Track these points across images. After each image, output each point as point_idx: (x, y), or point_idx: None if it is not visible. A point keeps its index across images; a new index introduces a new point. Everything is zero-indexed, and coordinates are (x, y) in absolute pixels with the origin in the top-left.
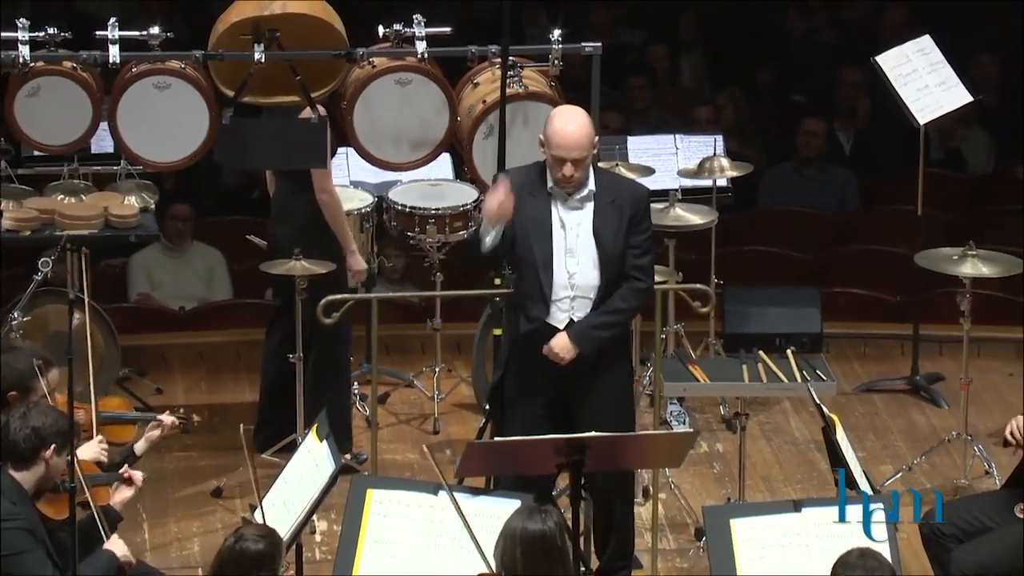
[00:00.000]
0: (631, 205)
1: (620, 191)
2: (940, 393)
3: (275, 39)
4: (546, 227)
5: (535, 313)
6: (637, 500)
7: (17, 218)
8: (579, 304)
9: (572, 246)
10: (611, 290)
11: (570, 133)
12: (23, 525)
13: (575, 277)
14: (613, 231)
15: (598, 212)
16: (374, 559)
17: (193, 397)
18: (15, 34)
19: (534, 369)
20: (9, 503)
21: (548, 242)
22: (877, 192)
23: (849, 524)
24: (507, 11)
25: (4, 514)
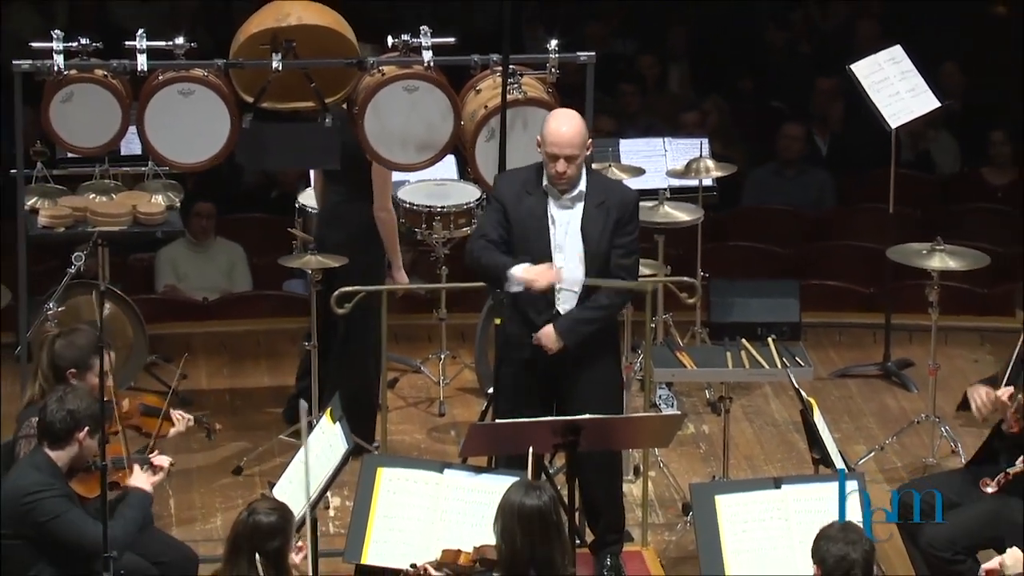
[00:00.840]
0: (618, 208)
1: (609, 194)
2: (910, 378)
3: (291, 49)
4: (541, 223)
5: (540, 303)
6: (628, 478)
7: (52, 215)
8: (564, 296)
9: (560, 242)
10: (594, 275)
11: (564, 132)
12: (59, 492)
13: (562, 272)
14: (599, 230)
15: (587, 212)
16: (384, 533)
17: (216, 382)
18: (50, 44)
19: (524, 357)
20: (45, 476)
21: (542, 238)
22: (852, 191)
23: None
24: (507, 22)
25: (41, 485)
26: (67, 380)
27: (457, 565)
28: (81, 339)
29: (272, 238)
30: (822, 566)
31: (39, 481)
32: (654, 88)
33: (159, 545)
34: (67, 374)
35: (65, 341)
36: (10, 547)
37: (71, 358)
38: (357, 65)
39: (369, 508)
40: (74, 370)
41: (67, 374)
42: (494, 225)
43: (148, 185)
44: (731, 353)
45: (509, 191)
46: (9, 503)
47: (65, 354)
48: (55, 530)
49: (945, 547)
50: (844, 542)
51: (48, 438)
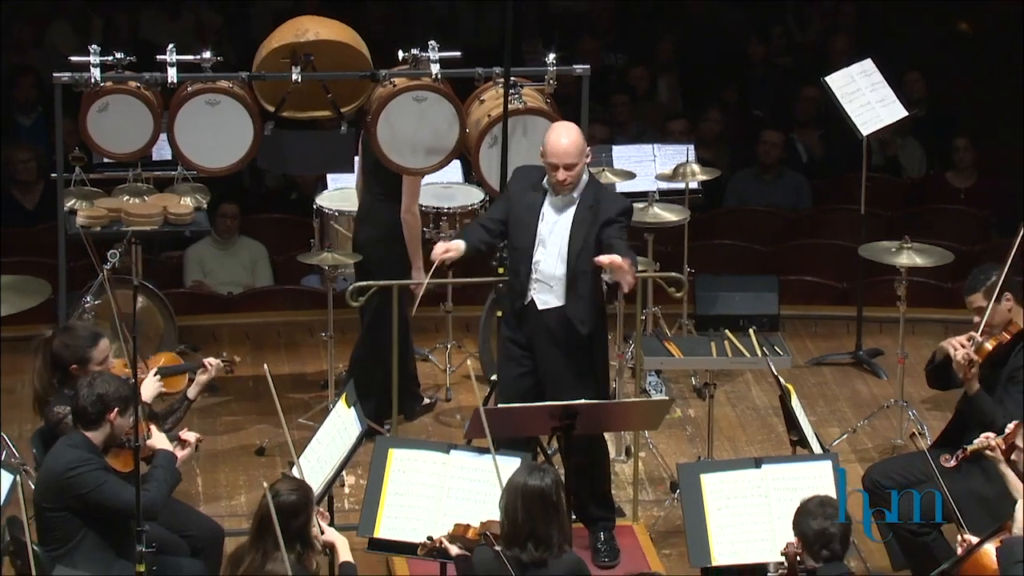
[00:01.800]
0: (607, 210)
1: (603, 200)
2: (880, 366)
3: (310, 62)
4: (531, 218)
5: (517, 289)
6: (620, 458)
7: (89, 216)
8: (539, 287)
9: (544, 237)
10: (574, 280)
11: (563, 144)
12: (98, 466)
13: (540, 264)
14: (585, 231)
15: (578, 214)
16: (395, 509)
17: (240, 370)
18: (88, 58)
19: (516, 340)
20: (84, 452)
21: (528, 232)
22: (826, 193)
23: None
24: (508, 38)
25: (80, 460)
26: (71, 376)
27: (466, 538)
28: (75, 337)
29: (291, 237)
30: (803, 539)
31: (78, 457)
32: (644, 98)
33: (188, 520)
34: (70, 370)
35: (61, 341)
36: (55, 518)
37: (69, 356)
38: (370, 77)
39: (381, 486)
40: (76, 365)
41: (70, 370)
42: (493, 211)
43: (177, 188)
44: (715, 343)
45: (518, 185)
46: (52, 479)
47: (64, 352)
48: (98, 499)
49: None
50: (823, 517)
51: (82, 421)
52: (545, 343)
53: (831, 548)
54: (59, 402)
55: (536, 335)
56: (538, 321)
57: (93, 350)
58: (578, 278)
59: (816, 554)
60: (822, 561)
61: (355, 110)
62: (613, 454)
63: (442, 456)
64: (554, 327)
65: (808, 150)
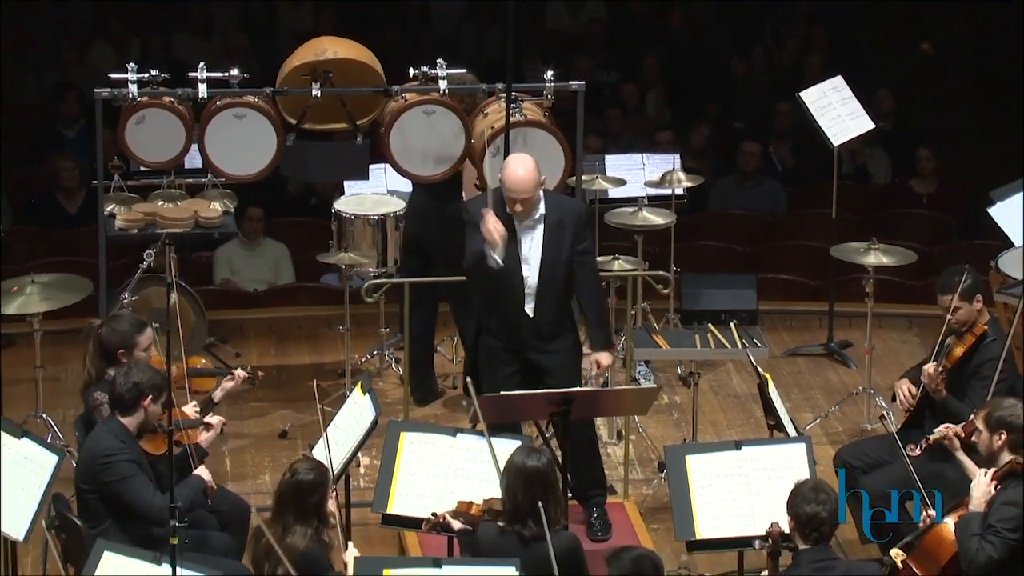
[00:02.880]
0: (573, 222)
1: (563, 212)
2: (849, 356)
3: (328, 78)
4: (514, 242)
5: (501, 304)
6: (612, 441)
7: (126, 219)
8: (529, 299)
9: (526, 255)
10: (549, 287)
11: (519, 177)
12: (129, 457)
13: (528, 279)
14: (557, 245)
15: (547, 231)
16: (406, 487)
17: (264, 360)
18: (125, 76)
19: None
20: (118, 441)
21: (513, 252)
22: (800, 199)
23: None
24: (510, 56)
25: (115, 449)
26: (118, 360)
27: (469, 515)
28: (122, 324)
29: (311, 238)
30: (795, 520)
31: (113, 445)
32: (634, 112)
33: (217, 497)
34: (117, 355)
35: (108, 328)
36: (90, 499)
37: (117, 341)
38: (384, 92)
39: (394, 467)
40: (122, 351)
41: (117, 355)
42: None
43: (207, 193)
44: (699, 335)
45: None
46: (88, 462)
47: (111, 339)
48: (120, 491)
49: (879, 497)
50: (815, 502)
51: (118, 407)
52: (538, 343)
53: (820, 531)
54: (99, 388)
55: (529, 339)
56: (532, 327)
57: (139, 337)
58: (549, 286)
59: (806, 536)
60: (811, 542)
61: (370, 122)
62: (605, 437)
63: (449, 439)
64: (545, 330)
65: (781, 161)
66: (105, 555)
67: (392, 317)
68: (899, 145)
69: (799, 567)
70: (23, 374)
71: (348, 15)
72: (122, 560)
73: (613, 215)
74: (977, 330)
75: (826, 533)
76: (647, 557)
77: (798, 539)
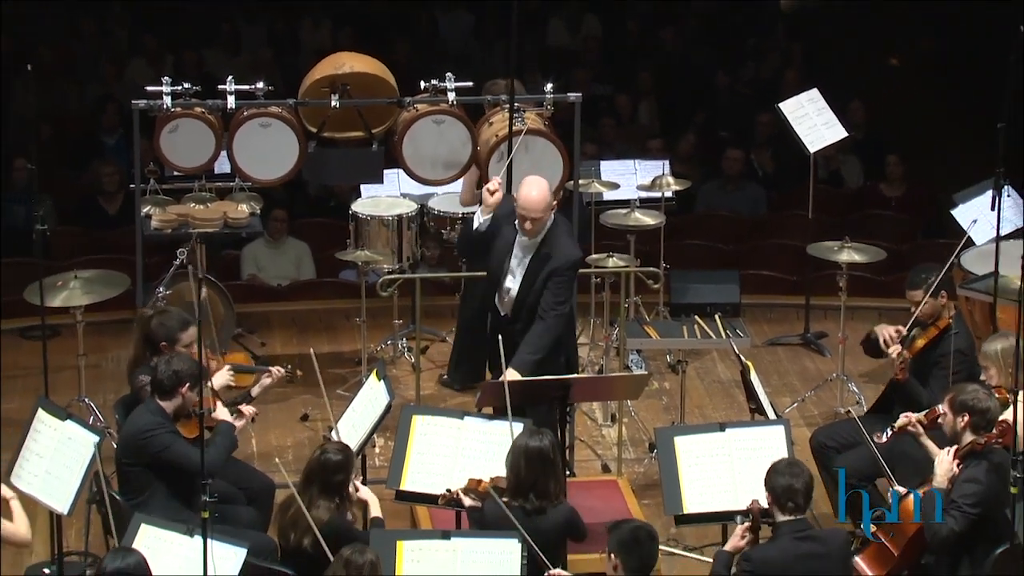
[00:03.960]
0: (558, 265)
1: (555, 251)
2: (824, 346)
3: (346, 91)
4: (506, 251)
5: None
6: (606, 423)
7: (161, 220)
8: (506, 305)
9: (513, 268)
10: (523, 305)
11: (533, 198)
12: (168, 430)
13: (510, 292)
14: (534, 276)
15: (535, 259)
16: (418, 466)
17: (288, 348)
18: (160, 88)
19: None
20: (156, 418)
21: (502, 261)
22: (779, 201)
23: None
24: (512, 70)
25: (154, 424)
26: (161, 351)
27: (478, 491)
28: (170, 320)
29: (331, 237)
30: (772, 493)
31: (152, 422)
32: (627, 121)
33: (244, 474)
34: (160, 346)
35: (157, 321)
36: (132, 472)
37: (163, 334)
38: (397, 103)
39: (406, 447)
40: (165, 343)
41: (160, 346)
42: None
43: (235, 196)
44: (687, 326)
45: (503, 211)
46: (131, 439)
47: (158, 331)
48: (167, 458)
49: (851, 475)
50: (790, 475)
51: (158, 391)
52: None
53: (795, 502)
54: (144, 372)
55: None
56: (509, 329)
57: (182, 333)
58: (524, 302)
59: (783, 507)
60: (788, 513)
61: (384, 131)
62: (600, 420)
63: (457, 422)
64: (517, 339)
65: (762, 166)
66: (142, 527)
67: (404, 310)
68: (870, 152)
69: (779, 536)
70: (67, 362)
71: (364, 33)
72: (157, 532)
73: (608, 216)
74: (941, 323)
75: (801, 505)
76: (644, 528)
77: (776, 511)
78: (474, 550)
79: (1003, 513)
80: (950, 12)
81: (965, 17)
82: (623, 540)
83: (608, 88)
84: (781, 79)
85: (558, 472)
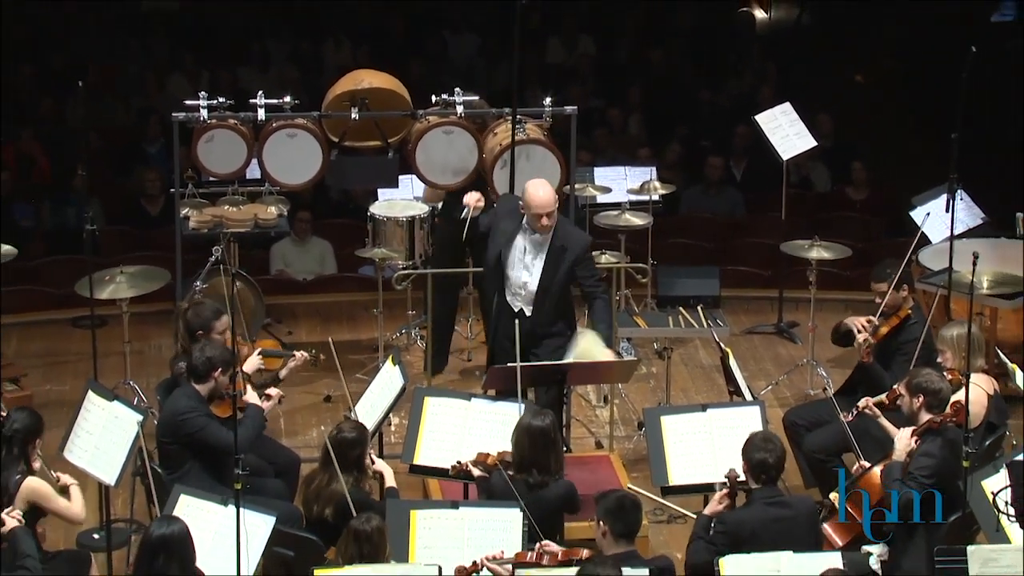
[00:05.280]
0: (573, 251)
1: (569, 240)
2: (796, 334)
3: (365, 104)
4: (507, 245)
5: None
6: (599, 404)
7: (198, 220)
8: (523, 298)
9: (528, 266)
10: (547, 296)
11: (542, 197)
12: (203, 413)
13: (528, 285)
14: (555, 267)
15: (552, 251)
16: (430, 442)
17: (312, 336)
18: (197, 102)
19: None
20: (192, 402)
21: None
22: (755, 204)
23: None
24: (515, 85)
25: (189, 408)
26: (198, 339)
27: (486, 464)
28: (204, 311)
29: (351, 236)
30: (748, 463)
31: (188, 405)
32: (618, 132)
33: (272, 450)
34: (197, 334)
35: (193, 312)
36: (170, 450)
37: (198, 324)
38: (411, 115)
39: (419, 425)
40: (201, 332)
41: (197, 334)
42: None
43: (265, 199)
44: (672, 317)
45: (504, 207)
46: (169, 420)
47: (194, 321)
48: (202, 438)
49: (819, 451)
50: (764, 450)
51: (193, 376)
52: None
53: (768, 474)
54: (183, 360)
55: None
56: (528, 326)
57: (216, 322)
58: (545, 295)
59: (757, 477)
60: (761, 483)
61: (399, 140)
62: (594, 401)
63: (465, 403)
64: (538, 331)
65: (739, 172)
66: (182, 497)
67: (417, 302)
68: (836, 159)
69: (752, 502)
70: (114, 348)
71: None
72: (195, 502)
73: (600, 217)
74: (902, 313)
75: (773, 476)
76: (628, 497)
77: (750, 480)
78: (479, 518)
79: (956, 484)
80: (909, 34)
81: (922, 39)
82: (610, 508)
83: (601, 102)
84: (757, 94)
85: (558, 450)
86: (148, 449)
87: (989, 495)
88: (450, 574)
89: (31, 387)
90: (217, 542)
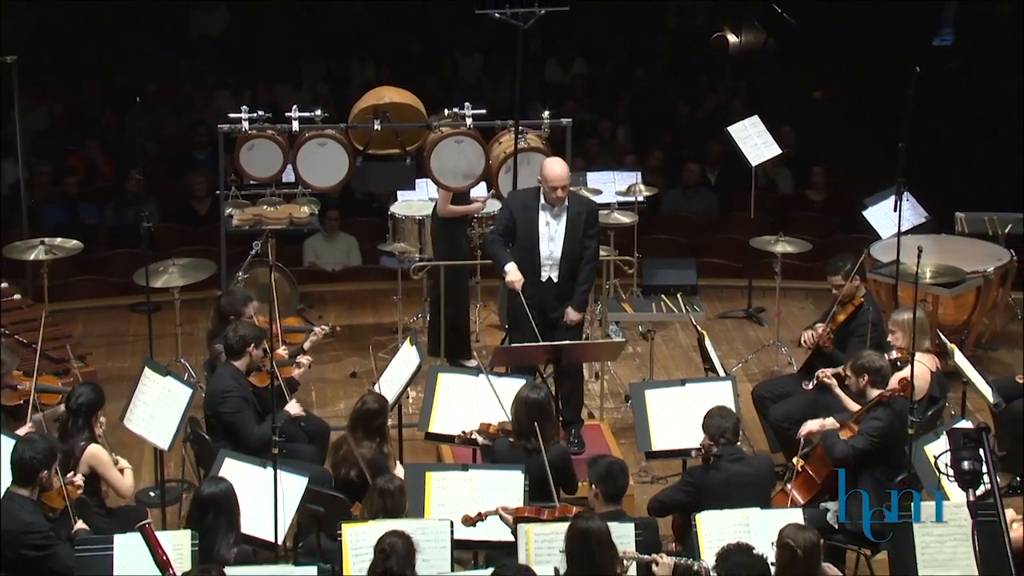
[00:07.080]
0: (587, 214)
1: (580, 205)
2: (763, 318)
3: (386, 117)
4: (535, 225)
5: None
6: (591, 379)
7: (240, 219)
8: (551, 267)
9: (552, 235)
10: (569, 259)
11: (558, 172)
12: (241, 394)
13: (553, 254)
14: (575, 230)
15: (570, 219)
16: (443, 413)
17: (340, 320)
18: (240, 115)
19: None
20: (233, 380)
21: (535, 233)
22: (728, 204)
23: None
24: (517, 100)
25: (230, 387)
26: (230, 322)
27: (488, 433)
28: (235, 297)
29: (374, 232)
30: (707, 431)
31: (229, 384)
32: (608, 141)
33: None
34: (229, 319)
35: (225, 300)
36: (213, 422)
37: (230, 309)
38: (426, 127)
39: (433, 398)
40: (232, 316)
41: (229, 319)
42: (503, 223)
43: (298, 200)
44: (655, 303)
45: (517, 202)
46: (212, 395)
47: (227, 307)
48: (232, 422)
49: (784, 420)
50: (720, 416)
51: (229, 354)
52: (557, 303)
53: (726, 437)
54: (219, 341)
55: (550, 299)
56: (554, 289)
57: (246, 307)
58: (569, 257)
59: (716, 442)
60: (721, 446)
61: (416, 149)
62: (587, 376)
63: (473, 379)
64: (558, 292)
65: (714, 177)
66: (227, 461)
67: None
68: (799, 166)
69: (719, 460)
70: (167, 330)
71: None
72: (239, 464)
73: None
74: (856, 301)
75: (730, 438)
76: (617, 462)
77: (712, 445)
78: (486, 479)
79: (901, 449)
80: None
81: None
82: (600, 472)
83: (593, 115)
84: (730, 108)
85: (553, 419)
86: (196, 419)
87: (931, 458)
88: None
89: (95, 364)
90: (257, 499)
